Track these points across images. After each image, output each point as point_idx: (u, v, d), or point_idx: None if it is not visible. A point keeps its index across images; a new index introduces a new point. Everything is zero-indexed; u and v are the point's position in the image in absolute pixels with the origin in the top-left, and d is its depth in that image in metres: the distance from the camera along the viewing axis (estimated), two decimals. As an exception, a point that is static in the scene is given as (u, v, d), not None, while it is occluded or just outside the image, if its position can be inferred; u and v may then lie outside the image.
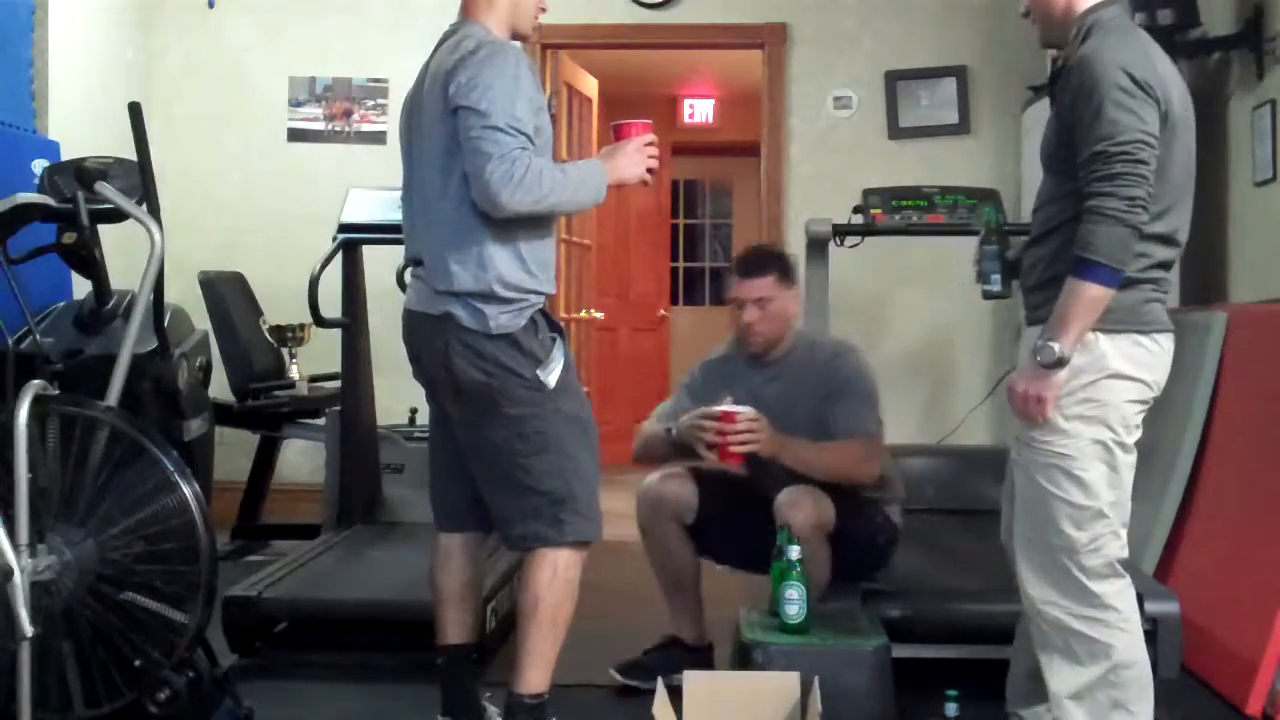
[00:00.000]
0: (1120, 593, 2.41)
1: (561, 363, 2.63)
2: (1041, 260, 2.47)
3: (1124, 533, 2.43)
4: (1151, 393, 2.42)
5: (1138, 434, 2.42)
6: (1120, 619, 2.39)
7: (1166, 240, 2.40)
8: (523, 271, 2.59)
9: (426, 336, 2.65)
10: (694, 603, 3.30)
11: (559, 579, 2.62)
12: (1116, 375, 2.35)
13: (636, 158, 2.69)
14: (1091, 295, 2.25)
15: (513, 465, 2.60)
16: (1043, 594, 2.42)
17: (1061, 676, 2.42)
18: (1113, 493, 2.39)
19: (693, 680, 2.72)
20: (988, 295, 2.77)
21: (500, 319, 2.57)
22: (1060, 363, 2.28)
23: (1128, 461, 2.41)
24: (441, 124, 2.56)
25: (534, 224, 2.61)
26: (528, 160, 2.48)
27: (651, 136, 2.73)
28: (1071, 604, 2.39)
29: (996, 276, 2.71)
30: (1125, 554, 2.43)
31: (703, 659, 3.24)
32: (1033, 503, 2.43)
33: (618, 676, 3.22)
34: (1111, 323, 2.31)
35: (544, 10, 2.77)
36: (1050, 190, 2.48)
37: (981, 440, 5.09)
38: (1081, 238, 2.26)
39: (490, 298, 2.56)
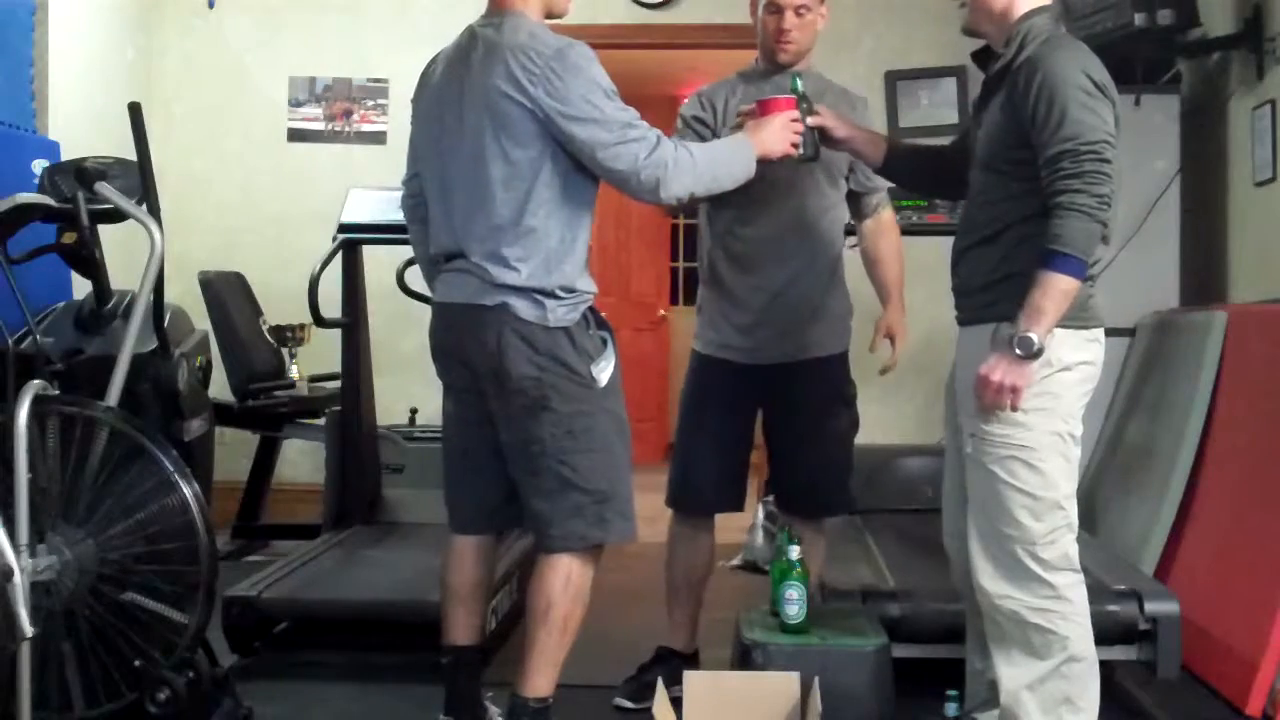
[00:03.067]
0: (1074, 586, 2.48)
1: (613, 362, 2.64)
2: (990, 260, 2.52)
3: (1076, 527, 2.50)
4: (1094, 385, 2.51)
5: (1081, 428, 2.49)
6: (1074, 611, 2.46)
7: (1104, 239, 2.46)
8: (581, 275, 2.62)
9: (472, 328, 2.60)
10: (696, 607, 3.30)
11: (572, 584, 2.62)
12: (1067, 368, 2.43)
13: (782, 133, 2.75)
14: (1064, 287, 2.32)
15: (559, 463, 2.59)
16: (999, 588, 2.47)
17: (1018, 669, 2.48)
18: (1068, 485, 2.47)
19: (693, 680, 2.72)
20: (800, 159, 2.88)
21: (558, 312, 2.57)
22: (1039, 353, 2.34)
23: (1076, 454, 2.49)
24: (513, 128, 2.53)
25: (588, 223, 2.64)
26: (670, 145, 2.53)
27: (796, 113, 2.78)
28: (1028, 596, 2.45)
29: (800, 139, 2.83)
30: (1076, 549, 2.49)
31: (695, 667, 3.22)
32: (990, 497, 2.47)
33: (630, 704, 3.15)
34: (1063, 319, 2.38)
35: None
36: (995, 190, 2.53)
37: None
38: (1053, 232, 2.32)
39: (551, 295, 2.57)
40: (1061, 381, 2.43)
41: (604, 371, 2.61)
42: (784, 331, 3.14)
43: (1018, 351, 2.34)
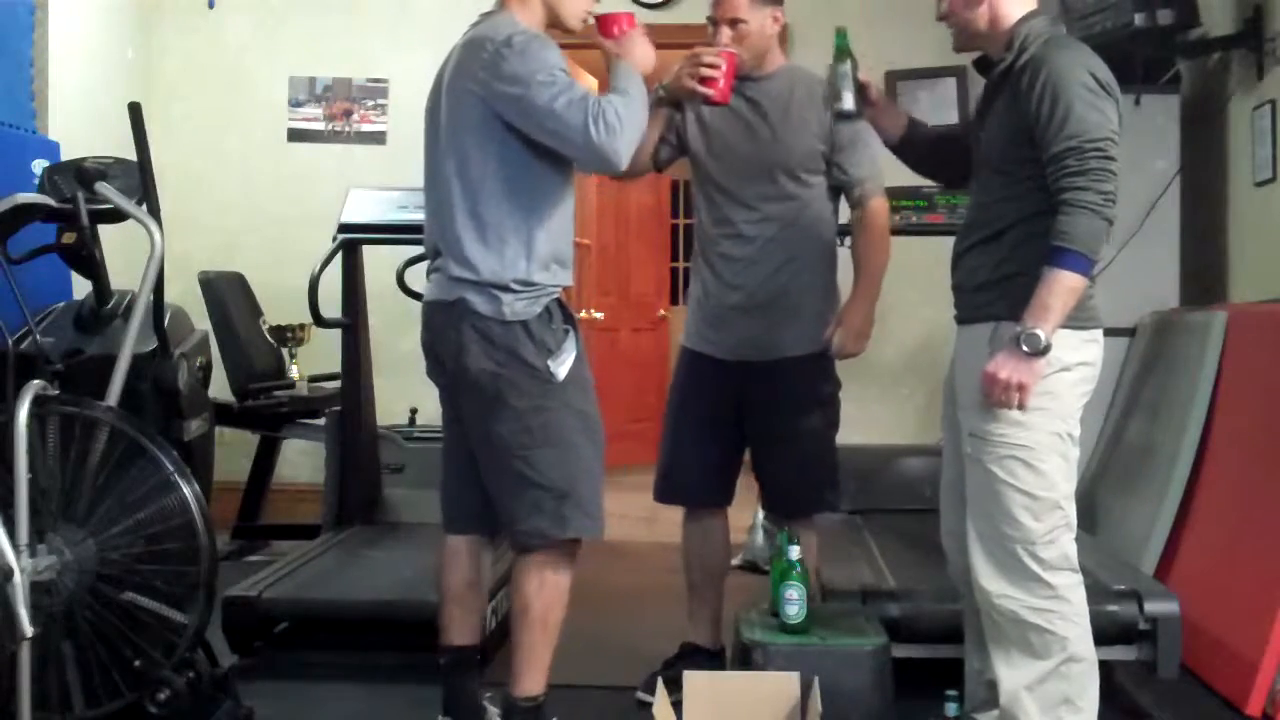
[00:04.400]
0: (1073, 586, 2.47)
1: (573, 355, 2.62)
2: (991, 259, 2.52)
3: (1075, 527, 2.49)
4: (1093, 386, 2.50)
5: (1079, 429, 2.48)
6: (1073, 612, 2.46)
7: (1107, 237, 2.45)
8: (541, 269, 2.59)
9: (440, 325, 2.63)
10: (716, 603, 3.29)
11: (547, 584, 2.61)
12: (1067, 369, 2.43)
13: (645, 45, 2.66)
14: (1071, 284, 2.32)
15: (517, 458, 2.58)
16: (999, 588, 2.47)
17: (1017, 670, 2.47)
18: (1067, 485, 2.47)
19: (693, 680, 2.72)
20: (840, 115, 2.81)
21: (516, 306, 2.56)
22: (1046, 349, 2.34)
23: (1075, 454, 2.49)
24: (468, 118, 2.54)
25: (553, 216, 2.61)
26: (603, 104, 2.45)
27: (640, 29, 2.69)
28: (1026, 596, 2.44)
29: (849, 95, 2.76)
30: (1075, 548, 2.48)
31: (721, 662, 3.22)
32: (989, 496, 2.47)
33: (650, 699, 3.04)
34: (1064, 319, 2.37)
35: (596, 3, 2.71)
36: (998, 190, 2.53)
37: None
38: (1060, 228, 2.32)
39: (507, 289, 2.56)
40: (1061, 381, 2.42)
41: (562, 366, 2.58)
42: (757, 330, 3.12)
43: (1025, 349, 2.33)
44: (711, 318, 3.18)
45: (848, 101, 2.78)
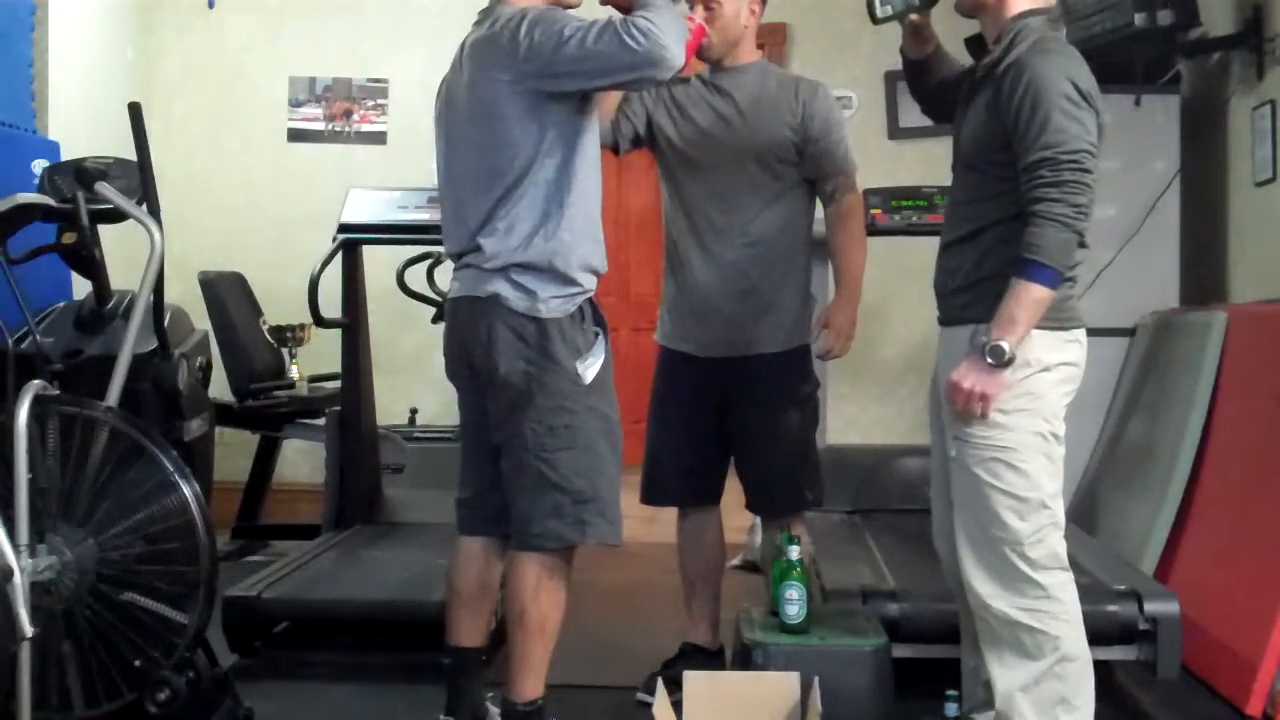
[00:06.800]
0: (1064, 585, 2.46)
1: (601, 359, 2.60)
2: (968, 261, 2.52)
3: (1063, 525, 2.49)
4: (1076, 385, 2.49)
5: (1064, 428, 2.48)
6: (1064, 611, 2.45)
7: (1083, 244, 2.44)
8: (586, 249, 2.58)
9: (469, 321, 2.60)
10: (714, 602, 3.29)
11: (543, 589, 2.59)
12: (1047, 369, 2.42)
13: None
14: (1037, 296, 2.32)
15: (539, 460, 2.55)
16: (989, 590, 2.46)
17: (1011, 671, 2.47)
18: (1053, 484, 2.46)
19: (693, 680, 2.71)
20: (871, 8, 2.73)
21: (551, 302, 2.54)
22: (1010, 361, 2.34)
23: (1061, 453, 2.48)
24: (508, 110, 2.52)
25: (592, 201, 2.60)
26: (629, 19, 2.40)
27: None
28: (1017, 597, 2.44)
29: (889, 9, 2.71)
30: (1064, 546, 2.48)
31: (720, 662, 3.22)
32: (975, 499, 2.46)
33: (650, 699, 3.01)
34: (1042, 320, 2.37)
35: None
36: (975, 190, 2.52)
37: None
38: (1029, 240, 2.31)
39: (549, 274, 2.54)
40: (1042, 382, 2.42)
41: (590, 369, 2.57)
42: (731, 326, 3.11)
43: (989, 360, 2.34)
44: (686, 314, 3.17)
45: (889, 12, 2.72)
